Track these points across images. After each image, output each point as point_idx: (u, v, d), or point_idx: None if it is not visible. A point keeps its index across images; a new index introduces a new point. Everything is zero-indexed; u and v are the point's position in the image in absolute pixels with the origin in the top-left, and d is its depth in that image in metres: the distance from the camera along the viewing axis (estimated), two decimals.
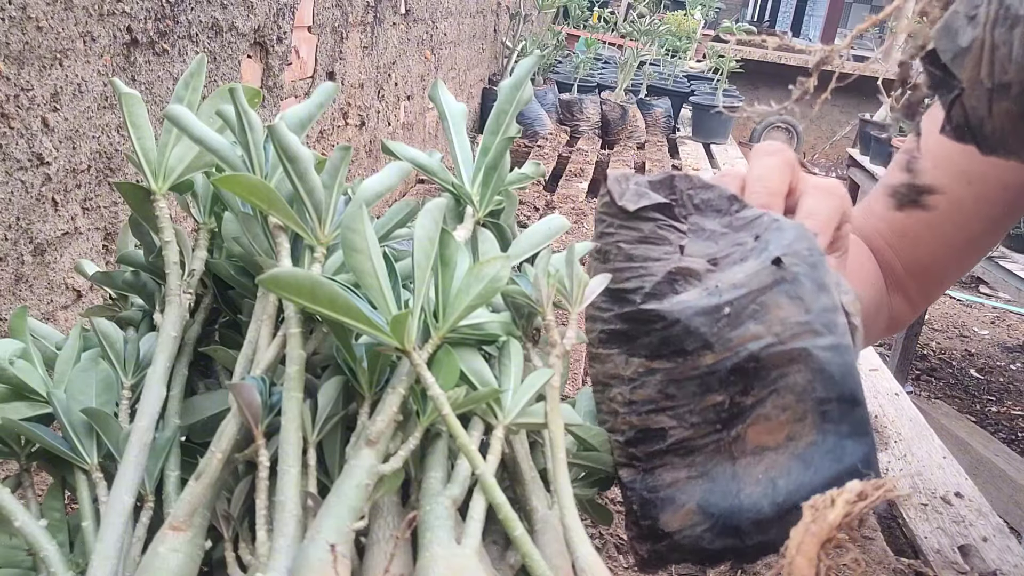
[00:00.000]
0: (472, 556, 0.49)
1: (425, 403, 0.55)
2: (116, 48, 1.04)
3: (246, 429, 0.53)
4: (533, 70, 0.73)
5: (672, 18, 5.18)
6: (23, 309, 0.65)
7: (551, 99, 4.14)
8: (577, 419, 0.68)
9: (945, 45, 0.53)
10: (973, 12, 0.52)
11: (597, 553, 0.53)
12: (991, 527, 1.16)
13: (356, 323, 0.51)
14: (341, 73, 1.97)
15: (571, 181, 3.09)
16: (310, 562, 0.46)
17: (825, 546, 0.54)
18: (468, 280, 0.56)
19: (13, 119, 0.89)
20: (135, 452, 0.55)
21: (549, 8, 4.67)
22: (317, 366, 0.61)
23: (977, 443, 2.61)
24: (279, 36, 1.53)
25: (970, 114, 0.54)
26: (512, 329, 0.63)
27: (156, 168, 0.65)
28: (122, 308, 0.73)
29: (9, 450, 0.60)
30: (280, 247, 0.60)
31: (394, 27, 2.35)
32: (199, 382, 0.66)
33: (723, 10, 7.03)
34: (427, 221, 0.55)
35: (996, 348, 4.21)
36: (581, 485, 0.71)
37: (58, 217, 1.00)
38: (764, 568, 1.01)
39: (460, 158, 0.71)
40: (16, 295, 0.96)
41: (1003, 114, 0.52)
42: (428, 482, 0.54)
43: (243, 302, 0.67)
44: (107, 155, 1.07)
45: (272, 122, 0.57)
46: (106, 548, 0.50)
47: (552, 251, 0.66)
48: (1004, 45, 0.49)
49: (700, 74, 5.41)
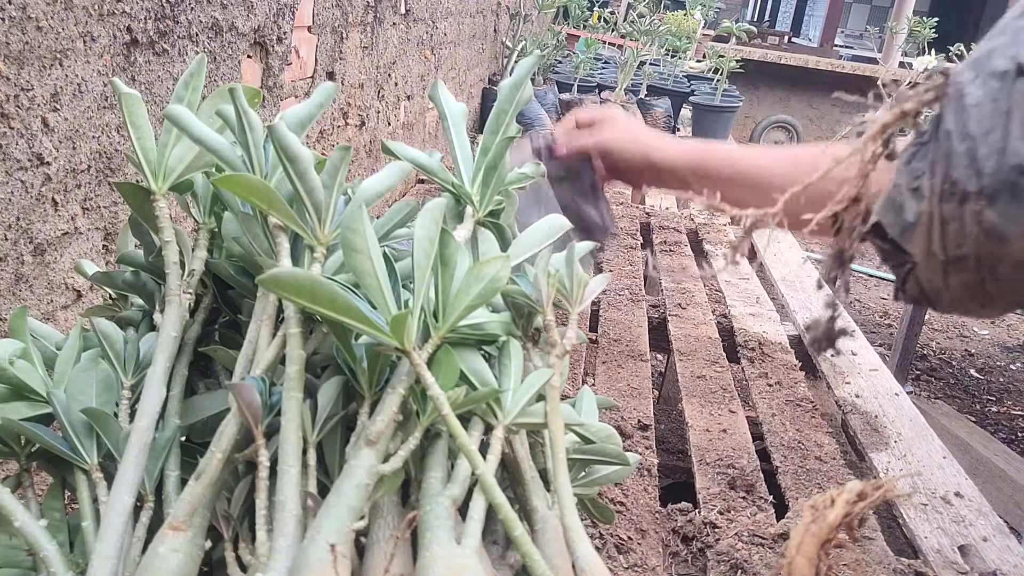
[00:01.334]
0: (472, 556, 0.49)
1: (425, 403, 0.55)
2: (116, 48, 1.04)
3: (246, 429, 0.54)
4: (533, 70, 0.73)
5: (672, 18, 5.18)
6: (23, 309, 0.65)
7: (551, 99, 4.14)
8: (577, 419, 0.68)
9: (891, 220, 0.51)
10: (915, 184, 0.49)
11: (597, 553, 0.53)
12: (991, 527, 1.16)
13: (356, 323, 0.51)
14: (341, 73, 1.97)
15: None
16: (310, 562, 0.46)
17: (825, 546, 0.54)
18: (468, 280, 0.56)
19: (13, 119, 0.89)
20: (135, 452, 0.55)
21: (549, 8, 4.67)
22: (317, 366, 0.61)
23: (977, 443, 2.61)
24: (279, 36, 1.53)
25: (926, 286, 0.52)
26: (512, 329, 0.63)
27: (156, 168, 0.65)
28: (122, 308, 0.73)
29: (9, 450, 0.60)
30: (280, 247, 0.60)
31: (394, 27, 2.35)
32: (199, 382, 0.66)
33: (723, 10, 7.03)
34: (427, 221, 0.55)
35: (996, 348, 4.21)
36: (581, 485, 0.71)
37: (58, 217, 1.00)
38: (764, 568, 1.01)
39: (460, 158, 0.71)
40: (16, 295, 0.96)
41: (961, 285, 0.49)
42: (428, 482, 0.54)
43: (243, 302, 0.67)
44: (107, 155, 1.07)
45: (272, 122, 0.57)
46: (106, 548, 0.50)
47: (552, 251, 0.66)
48: (955, 220, 0.46)
49: (700, 74, 5.41)
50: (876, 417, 1.48)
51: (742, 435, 1.35)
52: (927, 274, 0.50)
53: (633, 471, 0.95)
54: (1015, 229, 0.43)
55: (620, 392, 1.46)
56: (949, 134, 0.46)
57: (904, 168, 0.50)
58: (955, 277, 0.49)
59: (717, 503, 1.15)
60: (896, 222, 0.50)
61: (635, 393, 1.46)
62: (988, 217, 0.44)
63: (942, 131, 0.46)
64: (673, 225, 2.61)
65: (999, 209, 0.43)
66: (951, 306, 0.53)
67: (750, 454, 1.29)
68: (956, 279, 0.49)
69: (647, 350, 1.66)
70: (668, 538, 1.08)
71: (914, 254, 0.50)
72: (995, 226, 0.44)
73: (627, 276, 2.09)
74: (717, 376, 1.57)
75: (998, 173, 0.43)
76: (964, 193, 0.45)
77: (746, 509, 1.13)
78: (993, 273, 0.47)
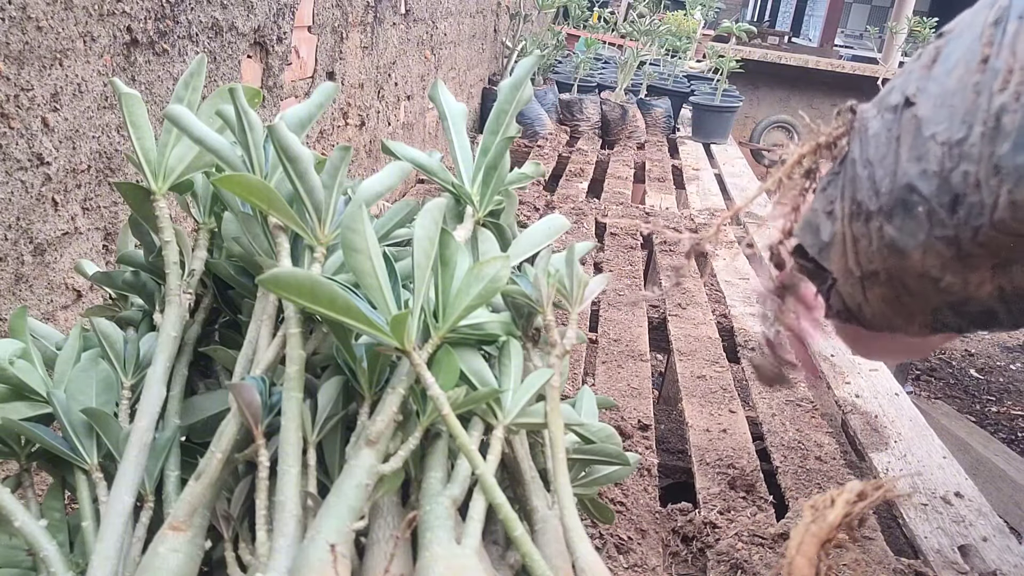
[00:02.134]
0: (472, 556, 0.49)
1: (425, 403, 0.55)
2: (116, 48, 1.04)
3: (246, 429, 0.53)
4: (533, 70, 0.73)
5: (672, 18, 5.18)
6: (23, 309, 0.65)
7: (551, 99, 4.13)
8: (577, 419, 0.68)
9: (810, 240, 0.56)
10: (830, 208, 0.53)
11: (597, 553, 0.53)
12: (991, 527, 1.17)
13: (356, 323, 0.51)
14: (341, 73, 1.97)
15: (571, 181, 3.09)
16: (310, 562, 0.46)
17: (825, 546, 0.54)
18: (468, 280, 0.56)
19: (13, 119, 0.89)
20: (135, 452, 0.55)
21: (549, 8, 4.66)
22: (317, 366, 0.61)
23: (977, 443, 2.61)
24: (279, 36, 1.53)
25: (847, 300, 0.55)
26: (512, 329, 0.63)
27: (156, 168, 0.65)
28: (122, 308, 0.73)
29: (9, 450, 0.60)
30: (280, 247, 0.60)
31: (394, 27, 2.35)
32: (199, 382, 0.66)
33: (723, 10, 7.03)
34: (427, 221, 0.55)
35: (996, 348, 4.21)
36: (581, 485, 0.71)
37: (58, 217, 1.00)
38: (764, 568, 1.01)
39: (460, 158, 0.71)
40: (16, 295, 0.96)
41: (878, 299, 0.53)
42: (428, 482, 0.54)
43: (243, 302, 0.67)
44: (107, 155, 1.07)
45: (272, 122, 0.57)
46: (106, 548, 0.50)
47: (552, 251, 0.66)
48: (864, 237, 0.50)
49: (700, 74, 5.41)
50: (876, 417, 1.48)
51: (742, 435, 1.35)
52: (847, 289, 0.54)
53: (633, 471, 0.95)
54: (912, 242, 0.47)
55: (620, 392, 1.46)
56: (855, 161, 0.51)
57: (821, 194, 0.55)
58: (872, 291, 0.52)
59: (717, 503, 1.15)
60: (815, 242, 0.55)
61: (635, 393, 1.46)
62: (888, 232, 0.48)
63: (849, 160, 0.52)
64: (673, 225, 2.61)
65: (896, 224, 0.47)
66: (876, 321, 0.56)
67: (750, 454, 1.29)
68: (873, 293, 0.52)
69: (647, 350, 1.66)
70: (668, 538, 1.08)
71: (833, 271, 0.54)
72: (895, 240, 0.48)
73: (627, 276, 2.09)
74: (717, 376, 1.57)
75: (892, 192, 0.47)
76: (868, 212, 0.49)
77: (746, 509, 1.13)
78: (904, 286, 0.50)
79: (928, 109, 0.46)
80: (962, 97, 0.44)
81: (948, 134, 0.44)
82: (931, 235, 0.46)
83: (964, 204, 0.43)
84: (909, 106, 0.47)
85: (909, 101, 0.48)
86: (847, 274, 0.53)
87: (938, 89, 0.46)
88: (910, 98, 0.48)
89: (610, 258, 2.22)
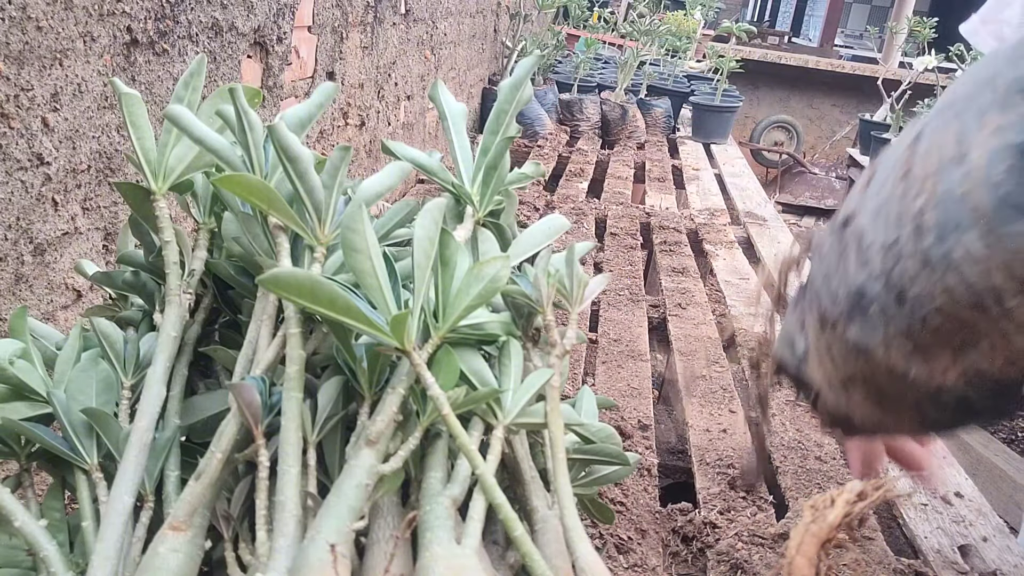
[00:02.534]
0: (472, 556, 0.49)
1: (425, 403, 0.55)
2: (116, 48, 1.04)
3: (246, 429, 0.53)
4: (533, 70, 0.73)
5: (672, 18, 5.18)
6: (23, 309, 0.65)
7: (551, 99, 4.13)
8: (577, 418, 0.68)
9: (788, 356, 0.61)
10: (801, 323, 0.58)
11: (597, 553, 0.53)
12: (991, 527, 1.16)
13: (356, 323, 0.51)
14: (341, 73, 1.97)
15: (571, 181, 3.09)
16: (310, 562, 0.46)
17: (825, 546, 0.54)
18: (468, 280, 0.56)
19: (13, 119, 0.89)
20: (135, 452, 0.55)
21: (549, 8, 4.66)
22: (317, 366, 0.61)
23: (977, 443, 2.60)
24: (279, 36, 1.53)
25: (834, 411, 0.59)
26: (512, 329, 0.63)
27: (156, 168, 0.65)
28: (122, 308, 0.73)
29: (9, 450, 0.60)
30: (280, 247, 0.60)
31: (394, 27, 2.35)
32: (199, 382, 0.66)
33: (723, 10, 7.02)
34: (427, 221, 0.55)
35: None
36: (581, 485, 0.71)
37: (58, 217, 1.00)
38: (764, 568, 1.01)
39: (460, 158, 0.71)
40: (16, 295, 0.96)
41: (861, 403, 0.56)
42: (428, 482, 0.54)
43: (243, 302, 0.67)
44: (107, 155, 1.07)
45: (272, 122, 0.57)
46: (106, 548, 0.50)
47: (552, 251, 0.66)
48: (833, 344, 0.55)
49: (700, 74, 5.40)
50: None
51: (742, 435, 1.35)
52: (832, 398, 0.58)
53: (633, 471, 0.95)
54: (873, 339, 0.51)
55: (620, 392, 1.46)
56: (815, 278, 0.57)
57: (792, 311, 0.61)
58: (853, 397, 0.56)
59: (717, 503, 1.15)
60: (792, 357, 0.60)
61: (635, 393, 1.46)
62: (851, 335, 0.52)
63: (811, 277, 0.58)
64: (673, 225, 2.61)
65: (856, 326, 0.52)
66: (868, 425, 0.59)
67: (750, 454, 1.29)
68: (855, 398, 0.56)
69: (647, 350, 1.66)
70: (668, 538, 1.08)
71: (814, 382, 0.59)
72: (858, 341, 0.52)
73: (627, 276, 2.09)
74: (717, 376, 1.57)
75: (848, 297, 0.52)
76: (832, 320, 0.54)
77: (746, 509, 1.13)
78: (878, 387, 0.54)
79: (867, 221, 0.51)
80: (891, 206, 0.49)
81: (884, 238, 0.49)
82: (887, 330, 0.50)
83: (908, 297, 0.48)
84: (851, 222, 0.53)
85: (850, 218, 0.54)
86: (828, 383, 0.57)
87: (872, 204, 0.51)
88: (851, 216, 0.54)
89: (610, 258, 2.22)
